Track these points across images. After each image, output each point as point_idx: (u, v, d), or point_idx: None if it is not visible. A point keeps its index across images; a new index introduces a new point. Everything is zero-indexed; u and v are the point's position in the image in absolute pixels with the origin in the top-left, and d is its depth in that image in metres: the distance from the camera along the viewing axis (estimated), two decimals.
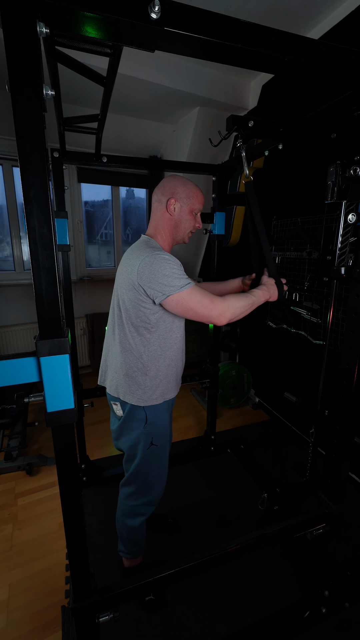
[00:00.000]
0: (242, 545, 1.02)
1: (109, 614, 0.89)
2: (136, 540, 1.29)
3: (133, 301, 1.02)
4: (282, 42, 0.69)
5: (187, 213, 1.12)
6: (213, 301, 0.99)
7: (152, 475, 1.20)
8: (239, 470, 2.01)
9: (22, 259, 3.01)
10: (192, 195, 1.11)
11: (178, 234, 1.15)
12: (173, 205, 1.09)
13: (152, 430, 1.14)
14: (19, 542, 1.54)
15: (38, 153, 0.54)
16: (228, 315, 1.00)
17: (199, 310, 0.98)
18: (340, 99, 0.99)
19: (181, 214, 1.11)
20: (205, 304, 0.97)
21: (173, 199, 1.09)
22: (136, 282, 0.98)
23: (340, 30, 1.77)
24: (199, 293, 0.97)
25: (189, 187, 1.12)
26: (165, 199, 1.10)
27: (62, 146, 1.50)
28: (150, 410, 1.13)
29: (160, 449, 1.18)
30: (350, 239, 1.39)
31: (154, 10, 0.57)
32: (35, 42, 0.52)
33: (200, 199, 1.14)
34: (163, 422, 1.17)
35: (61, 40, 0.72)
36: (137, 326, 1.05)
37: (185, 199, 1.10)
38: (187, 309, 0.97)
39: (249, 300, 1.06)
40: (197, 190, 1.13)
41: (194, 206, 1.13)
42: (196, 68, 2.28)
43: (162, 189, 1.12)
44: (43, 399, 0.66)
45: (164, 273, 0.95)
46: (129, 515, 1.24)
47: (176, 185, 1.10)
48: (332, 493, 1.11)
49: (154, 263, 0.96)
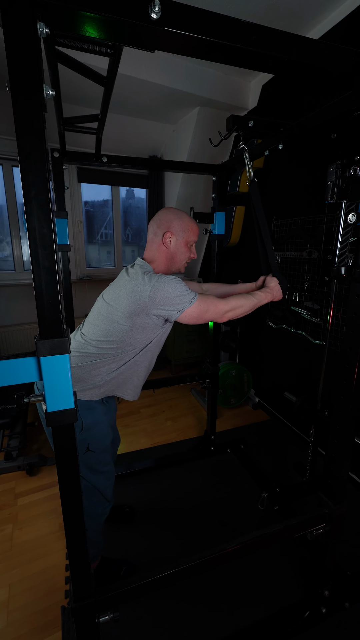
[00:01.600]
0: (242, 545, 1.02)
1: (109, 614, 0.89)
2: (95, 542, 1.26)
3: (137, 324, 1.07)
4: (282, 42, 0.69)
5: (182, 245, 1.18)
6: (216, 305, 1.09)
7: (98, 479, 1.17)
8: (239, 470, 2.01)
9: (22, 259, 3.01)
10: (188, 228, 1.17)
11: (174, 264, 1.21)
12: (169, 238, 1.15)
13: (88, 437, 1.12)
14: (19, 542, 1.54)
15: (38, 153, 0.54)
16: (229, 316, 1.11)
17: (206, 316, 1.08)
18: (340, 99, 0.99)
19: (177, 247, 1.17)
20: (211, 309, 1.08)
21: (169, 232, 1.15)
22: (147, 308, 1.04)
23: (340, 30, 1.77)
24: (203, 301, 1.07)
25: (185, 220, 1.17)
26: (161, 232, 1.16)
27: (62, 146, 1.50)
28: (86, 416, 1.11)
29: (99, 455, 1.15)
30: (350, 239, 1.40)
31: (154, 10, 0.57)
32: (35, 42, 0.52)
33: (195, 232, 1.19)
34: (100, 429, 1.15)
35: (61, 40, 0.72)
36: (126, 341, 1.09)
37: (180, 233, 1.16)
38: (197, 317, 1.07)
39: (251, 302, 1.14)
40: (192, 223, 1.19)
41: (189, 238, 1.18)
42: (196, 68, 2.28)
43: (158, 222, 1.17)
44: (43, 399, 0.66)
45: (175, 294, 1.03)
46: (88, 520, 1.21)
47: (172, 220, 1.16)
48: (332, 493, 1.11)
49: (165, 287, 1.03)
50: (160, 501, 1.77)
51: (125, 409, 2.70)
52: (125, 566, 1.38)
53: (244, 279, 2.67)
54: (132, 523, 1.63)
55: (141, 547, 1.50)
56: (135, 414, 2.64)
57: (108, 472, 1.22)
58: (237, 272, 2.90)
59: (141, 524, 1.63)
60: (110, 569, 1.36)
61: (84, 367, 1.11)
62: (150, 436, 2.37)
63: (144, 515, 1.68)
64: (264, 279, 1.32)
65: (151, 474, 1.96)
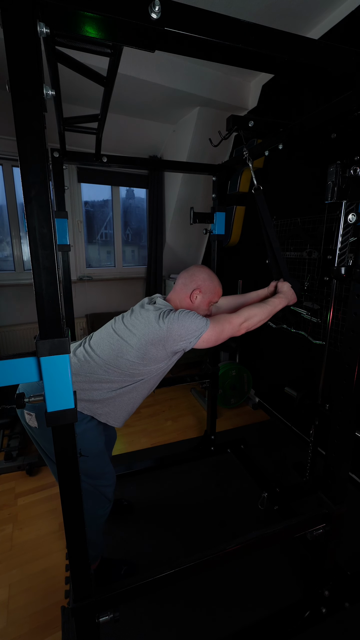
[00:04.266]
0: (242, 545, 1.02)
1: (109, 614, 0.89)
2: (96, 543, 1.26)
3: (150, 353, 1.09)
4: (282, 42, 0.69)
5: (205, 304, 1.23)
6: (230, 321, 1.11)
7: (96, 480, 1.18)
8: (239, 470, 2.01)
9: (22, 259, 3.01)
10: (215, 291, 1.24)
11: None
12: (197, 294, 1.21)
13: (80, 443, 1.11)
14: (19, 542, 1.54)
15: (38, 153, 0.54)
16: (245, 327, 1.13)
17: (223, 335, 1.11)
18: (340, 99, 0.99)
19: (200, 304, 1.23)
20: (226, 328, 1.11)
21: (198, 290, 1.21)
22: (164, 340, 1.07)
23: (340, 30, 1.77)
24: (217, 322, 1.10)
25: (215, 283, 1.24)
26: (192, 286, 1.21)
27: (62, 146, 1.50)
28: (77, 426, 1.10)
29: (93, 459, 1.15)
30: (350, 239, 1.39)
31: (154, 10, 0.57)
32: (35, 42, 0.52)
33: (219, 294, 1.27)
34: (92, 434, 1.15)
35: (61, 40, 0.72)
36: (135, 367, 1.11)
37: (207, 293, 1.22)
38: (216, 340, 1.10)
39: (266, 310, 1.17)
40: (219, 287, 1.26)
41: (213, 299, 1.25)
42: (196, 68, 2.28)
43: (191, 276, 1.23)
44: (43, 399, 0.66)
45: (191, 322, 1.07)
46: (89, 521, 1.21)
47: (205, 280, 1.22)
48: (332, 493, 1.11)
49: (180, 318, 1.07)
50: (161, 501, 1.77)
51: None
52: (125, 566, 1.38)
53: (244, 279, 2.67)
54: (132, 523, 1.63)
55: (141, 547, 1.50)
56: (135, 414, 2.64)
57: (107, 473, 1.22)
58: (237, 272, 2.90)
59: (141, 524, 1.63)
60: (111, 569, 1.36)
61: (84, 376, 1.10)
62: (150, 436, 2.37)
63: (144, 515, 1.68)
64: (276, 284, 1.34)
65: (151, 474, 1.96)
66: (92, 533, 1.22)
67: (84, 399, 1.11)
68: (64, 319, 0.66)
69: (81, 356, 1.13)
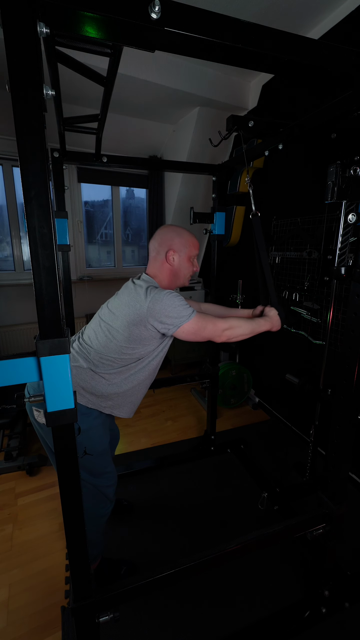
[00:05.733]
0: (242, 545, 1.02)
1: (109, 614, 0.89)
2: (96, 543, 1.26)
3: (134, 335, 1.08)
4: (282, 42, 0.69)
5: (185, 261, 1.20)
6: (215, 323, 1.09)
7: (98, 480, 1.18)
8: (239, 470, 2.01)
9: (22, 259, 3.01)
10: (189, 244, 1.19)
11: (178, 279, 1.23)
12: (172, 256, 1.17)
13: (85, 440, 1.12)
14: (19, 542, 1.54)
15: (38, 153, 0.54)
16: (227, 335, 1.11)
17: (204, 333, 1.09)
18: (340, 99, 0.99)
19: (180, 263, 1.19)
20: (209, 327, 1.09)
21: (171, 250, 1.17)
22: (145, 319, 1.05)
23: (340, 30, 1.77)
24: (203, 319, 1.08)
25: (185, 236, 1.19)
26: (163, 250, 1.18)
27: (62, 146, 1.50)
28: (82, 420, 1.11)
29: (97, 458, 1.16)
30: (350, 239, 1.40)
31: (154, 10, 0.57)
32: (35, 42, 0.52)
33: (196, 245, 1.22)
34: (97, 432, 1.16)
35: (61, 40, 0.72)
36: (125, 352, 1.10)
37: (182, 249, 1.18)
38: (195, 333, 1.08)
39: (250, 326, 1.16)
40: (191, 238, 1.21)
41: (191, 253, 1.21)
42: (196, 68, 2.28)
43: (159, 241, 1.19)
44: (43, 399, 0.66)
45: (174, 308, 1.04)
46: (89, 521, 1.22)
47: (173, 238, 1.18)
48: (332, 493, 1.11)
49: (164, 300, 1.04)
50: (160, 501, 1.77)
51: None
52: (125, 566, 1.38)
53: (243, 279, 2.67)
54: (132, 523, 1.63)
55: (141, 547, 1.50)
56: (135, 414, 2.63)
57: (109, 472, 1.22)
58: (237, 272, 2.90)
59: (141, 523, 1.63)
60: (110, 569, 1.36)
61: (83, 370, 1.11)
62: (150, 436, 2.37)
63: (144, 515, 1.68)
64: (262, 308, 1.34)
65: (151, 474, 1.96)
66: (93, 533, 1.22)
67: (87, 390, 1.11)
68: (64, 319, 0.66)
69: (77, 349, 1.14)
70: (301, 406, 2.30)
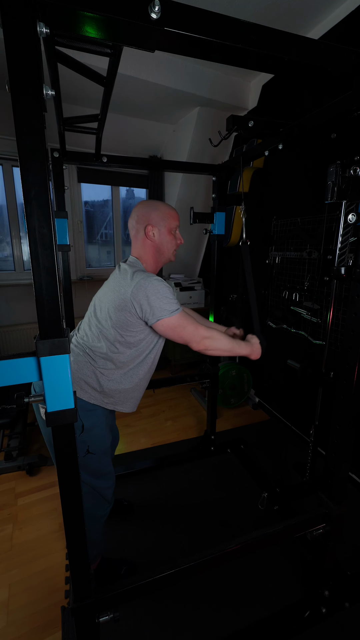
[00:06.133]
0: (242, 545, 1.02)
1: (109, 614, 0.89)
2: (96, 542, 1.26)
3: (121, 321, 1.06)
4: (282, 42, 0.69)
5: (166, 234, 1.16)
6: (197, 328, 1.07)
7: (98, 480, 1.18)
8: (239, 470, 2.01)
9: (22, 259, 3.01)
10: (167, 216, 1.15)
11: (163, 255, 1.20)
12: (151, 231, 1.14)
13: (88, 439, 1.12)
14: (19, 542, 1.54)
15: (38, 153, 0.54)
16: (205, 344, 1.08)
17: (183, 333, 1.06)
18: (340, 99, 0.99)
19: (161, 237, 1.16)
20: (190, 329, 1.06)
21: (150, 225, 1.14)
22: (129, 304, 1.03)
23: (340, 30, 1.77)
24: (186, 319, 1.05)
25: (161, 209, 1.16)
26: (142, 227, 1.14)
27: (62, 146, 1.50)
28: (86, 418, 1.11)
29: (99, 457, 1.15)
30: (350, 239, 1.40)
31: (154, 10, 0.57)
32: (35, 42, 0.52)
33: (174, 217, 1.18)
34: (101, 431, 1.15)
35: (61, 40, 0.72)
36: (117, 341, 1.09)
37: (161, 222, 1.15)
38: (173, 329, 1.05)
39: (230, 344, 1.14)
40: (169, 209, 1.17)
41: (171, 225, 1.17)
42: (196, 68, 2.28)
43: (136, 218, 1.16)
44: (43, 399, 0.66)
45: (157, 297, 1.01)
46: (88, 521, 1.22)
47: (149, 212, 1.14)
48: (332, 493, 1.11)
49: (149, 287, 1.01)
50: (160, 501, 1.77)
51: None
52: (126, 566, 1.38)
53: (243, 278, 2.66)
54: (132, 523, 1.63)
55: (141, 547, 1.50)
56: (135, 414, 2.64)
57: (108, 473, 1.22)
58: (237, 272, 2.90)
59: (141, 523, 1.63)
60: (111, 569, 1.36)
61: (83, 364, 1.11)
62: (150, 436, 2.37)
63: (144, 515, 1.68)
64: (236, 331, 1.36)
65: (151, 474, 1.96)
66: (92, 533, 1.22)
67: (90, 385, 1.11)
68: (64, 319, 0.66)
69: (76, 344, 1.15)
70: (301, 406, 2.30)
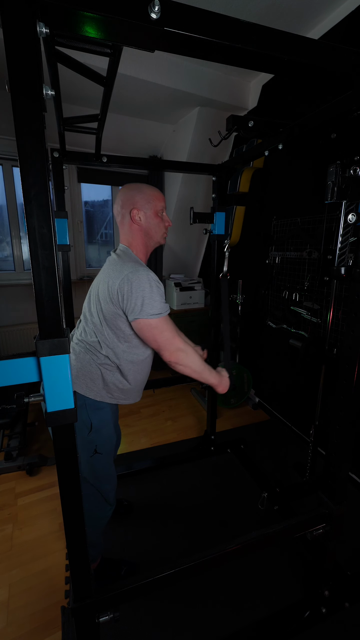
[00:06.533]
0: (242, 545, 1.02)
1: (109, 614, 0.89)
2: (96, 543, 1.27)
3: (110, 313, 1.05)
4: (282, 42, 0.69)
5: (153, 217, 1.13)
6: (175, 337, 1.04)
7: (102, 482, 1.18)
8: (239, 470, 2.01)
9: (22, 259, 3.01)
10: (152, 198, 1.13)
11: (152, 239, 1.17)
12: (137, 215, 1.11)
13: (97, 438, 1.12)
14: (19, 542, 1.54)
15: (38, 153, 0.54)
16: (178, 357, 1.05)
17: (158, 337, 1.02)
18: (340, 99, 0.98)
19: (148, 220, 1.13)
20: (167, 337, 1.03)
21: (135, 209, 1.11)
22: (115, 296, 1.01)
23: (340, 30, 1.77)
24: (167, 324, 1.02)
25: (146, 191, 1.13)
26: (127, 211, 1.12)
27: (62, 146, 1.50)
28: (95, 416, 1.11)
29: (105, 457, 1.16)
30: (350, 239, 1.40)
31: (154, 10, 0.57)
32: (35, 42, 0.52)
33: (160, 198, 1.15)
34: (108, 430, 1.15)
35: (61, 40, 0.72)
36: (111, 334, 1.09)
37: (146, 205, 1.12)
38: (150, 330, 1.01)
39: (201, 367, 1.11)
40: (153, 191, 1.14)
41: (157, 207, 1.14)
42: (196, 68, 2.28)
43: (120, 203, 1.13)
44: (43, 399, 0.66)
45: (141, 294, 0.98)
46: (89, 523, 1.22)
47: (133, 195, 1.12)
48: (332, 493, 1.11)
49: (134, 282, 0.98)
50: (160, 501, 1.77)
51: (125, 409, 2.69)
52: (126, 566, 1.38)
53: (243, 279, 2.67)
54: (132, 523, 1.63)
55: (141, 547, 1.50)
56: (135, 414, 2.64)
57: (112, 475, 1.22)
58: (237, 272, 2.90)
59: (141, 524, 1.63)
60: (111, 569, 1.36)
61: (87, 362, 1.10)
62: (150, 436, 2.37)
63: (144, 515, 1.68)
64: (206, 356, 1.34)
65: (151, 474, 1.96)
66: (92, 534, 1.22)
67: (94, 382, 1.11)
68: (64, 319, 0.66)
69: (76, 341, 1.14)
70: (301, 406, 2.30)
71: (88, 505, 1.18)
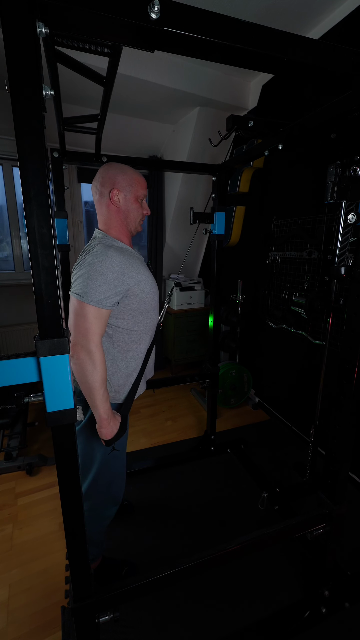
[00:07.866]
0: (242, 545, 1.02)
1: (109, 614, 0.89)
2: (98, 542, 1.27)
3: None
4: (282, 42, 0.69)
5: (132, 202, 1.07)
6: (95, 337, 0.93)
7: (114, 480, 1.18)
8: (239, 470, 2.01)
9: (22, 259, 3.01)
10: (134, 182, 1.06)
11: (129, 223, 1.10)
12: (116, 196, 1.04)
13: None
14: (19, 542, 1.54)
15: (38, 153, 0.54)
16: (81, 357, 0.92)
17: (80, 325, 0.92)
18: (340, 99, 0.98)
19: (127, 204, 1.06)
20: (86, 330, 0.91)
21: (115, 189, 1.04)
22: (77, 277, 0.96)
23: (340, 30, 1.77)
24: (96, 319, 0.92)
25: (129, 173, 1.06)
26: (106, 190, 1.04)
27: (62, 146, 1.50)
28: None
29: (121, 454, 1.16)
30: (350, 239, 1.40)
31: (154, 10, 0.57)
32: (35, 42, 0.52)
33: (142, 184, 1.09)
34: (125, 427, 1.14)
35: (61, 40, 0.72)
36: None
37: (127, 187, 1.05)
38: (74, 317, 0.93)
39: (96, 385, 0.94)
40: (137, 175, 1.08)
41: (138, 192, 1.07)
42: (196, 68, 2.27)
43: (100, 180, 1.05)
44: (43, 399, 0.66)
45: (88, 270, 0.93)
46: (94, 522, 1.21)
47: (115, 175, 1.04)
48: (332, 493, 1.11)
49: (91, 262, 0.93)
50: (161, 501, 1.77)
51: None
52: (127, 566, 1.38)
53: (243, 279, 2.67)
54: (132, 523, 1.63)
55: (141, 547, 1.50)
56: (135, 414, 2.64)
57: (123, 474, 1.22)
58: (237, 272, 2.90)
59: (141, 523, 1.63)
60: (111, 569, 1.36)
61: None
62: (150, 436, 2.37)
63: (144, 515, 1.68)
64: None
65: (151, 474, 1.96)
66: (95, 533, 1.22)
67: (110, 383, 1.10)
68: (64, 319, 0.66)
69: None
70: (301, 406, 2.30)
71: (95, 505, 1.18)
